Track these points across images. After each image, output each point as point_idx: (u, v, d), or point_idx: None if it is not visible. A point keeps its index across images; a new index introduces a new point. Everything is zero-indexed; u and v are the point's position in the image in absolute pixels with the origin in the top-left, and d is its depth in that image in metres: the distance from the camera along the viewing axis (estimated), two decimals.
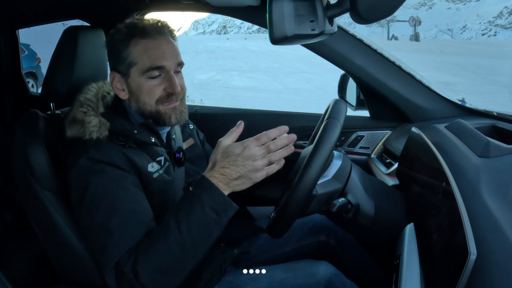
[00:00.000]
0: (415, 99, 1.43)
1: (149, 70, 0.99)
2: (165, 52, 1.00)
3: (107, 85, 1.13)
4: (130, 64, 1.00)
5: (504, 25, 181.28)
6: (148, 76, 0.99)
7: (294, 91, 9.13)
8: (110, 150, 0.96)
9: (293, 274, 1.03)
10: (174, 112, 1.02)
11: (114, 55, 1.02)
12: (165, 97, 1.01)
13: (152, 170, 1.01)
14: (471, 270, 0.58)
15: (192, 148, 1.21)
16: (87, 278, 1.05)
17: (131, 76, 1.01)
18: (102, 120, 0.99)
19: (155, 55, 0.99)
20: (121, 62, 1.01)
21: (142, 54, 0.99)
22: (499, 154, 0.91)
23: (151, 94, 1.00)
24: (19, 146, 1.04)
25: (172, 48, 1.02)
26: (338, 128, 0.92)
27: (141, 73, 1.00)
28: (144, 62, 0.99)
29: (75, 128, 0.99)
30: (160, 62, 0.99)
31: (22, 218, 1.14)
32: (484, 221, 0.69)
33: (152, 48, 0.99)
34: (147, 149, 1.03)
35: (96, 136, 0.97)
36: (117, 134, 0.99)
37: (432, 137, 1.06)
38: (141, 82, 1.00)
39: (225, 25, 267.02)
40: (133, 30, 1.00)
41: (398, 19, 79.94)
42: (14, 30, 2.09)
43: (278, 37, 0.72)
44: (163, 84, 1.00)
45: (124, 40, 1.00)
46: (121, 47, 1.00)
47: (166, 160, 1.06)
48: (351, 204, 0.96)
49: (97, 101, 1.04)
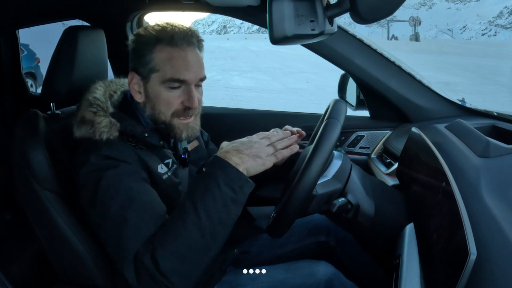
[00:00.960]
0: (415, 99, 1.43)
1: (170, 81, 0.96)
2: (189, 65, 0.97)
3: (114, 84, 1.10)
4: (152, 69, 0.97)
5: (504, 25, 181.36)
6: (168, 86, 0.97)
7: (294, 91, 9.13)
8: (121, 148, 0.95)
9: (293, 274, 1.03)
10: (186, 128, 1.01)
11: (137, 56, 0.99)
12: (182, 110, 0.99)
13: (161, 171, 1.00)
14: (471, 270, 0.58)
15: (196, 150, 1.21)
16: (87, 278, 1.05)
17: (150, 81, 0.98)
18: (112, 120, 0.98)
19: (178, 67, 0.96)
20: (143, 64, 0.98)
21: (166, 62, 0.96)
22: (499, 154, 0.91)
23: (169, 105, 0.98)
24: (19, 146, 1.04)
25: (198, 62, 0.99)
26: (338, 128, 0.92)
27: (161, 81, 0.97)
28: (166, 71, 0.96)
29: (84, 128, 0.97)
30: (183, 75, 0.96)
31: (22, 218, 1.14)
32: (484, 221, 0.69)
33: (178, 58, 0.96)
34: (156, 151, 1.02)
35: (106, 137, 0.95)
36: (127, 135, 0.98)
37: (432, 137, 1.06)
38: (160, 91, 0.97)
39: (225, 25, 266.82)
40: (161, 35, 0.97)
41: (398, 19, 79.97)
42: (14, 30, 2.09)
43: (278, 37, 0.72)
44: (181, 97, 0.98)
45: (150, 43, 0.97)
46: (146, 50, 0.97)
47: (174, 162, 1.06)
48: (351, 204, 0.96)
49: (106, 101, 1.02)
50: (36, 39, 7.13)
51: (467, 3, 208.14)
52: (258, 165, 0.87)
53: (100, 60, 1.24)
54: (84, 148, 0.97)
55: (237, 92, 9.00)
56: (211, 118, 1.76)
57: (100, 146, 0.94)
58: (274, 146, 0.90)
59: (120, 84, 1.12)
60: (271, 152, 0.89)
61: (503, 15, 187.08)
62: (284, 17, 0.70)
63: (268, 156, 0.88)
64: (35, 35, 4.33)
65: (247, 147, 0.88)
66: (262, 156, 0.87)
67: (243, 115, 1.81)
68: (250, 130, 1.75)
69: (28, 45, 6.95)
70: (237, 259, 1.18)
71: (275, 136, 0.92)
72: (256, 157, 0.87)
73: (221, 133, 1.71)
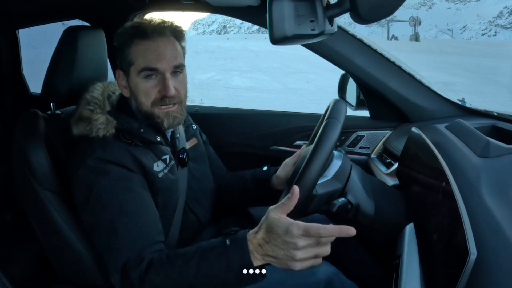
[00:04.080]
0: (415, 99, 1.43)
1: (143, 71, 1.00)
2: (160, 54, 1.00)
3: (113, 85, 1.14)
4: (130, 63, 1.02)
5: (504, 25, 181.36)
6: (143, 77, 1.00)
7: (294, 91, 9.13)
8: (116, 149, 0.97)
9: (293, 274, 1.02)
10: (167, 117, 1.02)
11: (119, 53, 1.04)
12: (160, 99, 1.01)
13: (157, 169, 1.02)
14: (471, 270, 0.58)
15: (195, 147, 1.22)
16: (87, 278, 1.05)
17: (130, 75, 1.03)
18: (109, 118, 1.01)
19: (149, 57, 1.00)
20: (123, 60, 1.03)
21: (139, 54, 1.00)
22: (499, 154, 0.91)
23: (147, 95, 1.01)
24: (19, 146, 1.04)
25: (170, 50, 1.02)
26: (338, 128, 0.92)
27: (137, 73, 1.01)
28: (139, 62, 1.00)
29: (81, 125, 1.00)
30: (154, 64, 1.00)
31: (22, 218, 1.14)
32: (484, 221, 0.69)
33: (149, 49, 1.00)
34: (153, 147, 1.04)
35: (103, 134, 0.98)
36: (123, 132, 1.00)
37: (432, 137, 1.06)
38: (138, 82, 1.01)
39: (225, 25, 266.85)
40: (136, 30, 1.02)
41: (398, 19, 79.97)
42: (14, 30, 2.09)
43: (278, 37, 0.71)
44: (158, 86, 1.01)
45: (127, 39, 1.02)
46: (124, 46, 1.02)
47: (171, 158, 1.07)
48: (351, 204, 0.96)
49: (104, 100, 1.05)
50: None
51: (467, 3, 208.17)
52: (281, 265, 0.79)
53: (100, 60, 1.24)
54: (80, 149, 1.00)
55: (237, 92, 9.01)
56: (211, 118, 1.77)
57: (95, 148, 0.96)
58: (316, 251, 0.76)
59: None
60: (302, 258, 0.76)
61: (503, 15, 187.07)
62: (284, 17, 0.70)
63: (295, 262, 0.76)
64: None
65: (276, 245, 0.77)
66: (287, 263, 0.77)
67: (243, 115, 1.81)
68: (250, 130, 1.75)
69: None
70: None
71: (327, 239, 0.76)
72: (280, 259, 0.77)
73: (221, 133, 1.71)
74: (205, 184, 1.20)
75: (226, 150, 1.65)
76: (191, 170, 1.16)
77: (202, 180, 1.19)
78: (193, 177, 1.15)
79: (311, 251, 0.76)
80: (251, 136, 1.72)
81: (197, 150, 1.22)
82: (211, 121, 1.74)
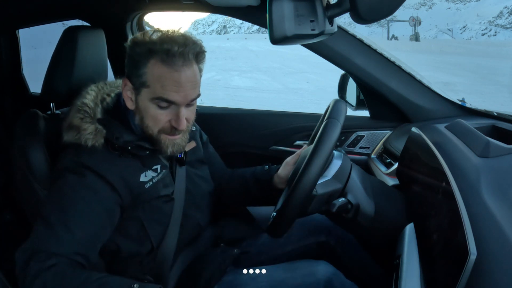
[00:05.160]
0: (415, 99, 1.43)
1: (158, 99, 0.94)
2: (180, 86, 0.93)
3: (108, 86, 1.08)
4: (143, 84, 0.95)
5: (504, 25, 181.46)
6: (156, 104, 0.95)
7: (294, 91, 9.13)
8: (101, 159, 0.95)
9: (293, 274, 1.03)
10: (173, 144, 1.00)
11: (131, 65, 0.96)
12: (169, 128, 0.98)
13: (144, 179, 1.00)
14: (471, 270, 0.58)
15: (193, 150, 1.19)
16: None
17: (141, 94, 0.96)
18: (98, 127, 0.97)
19: (169, 87, 0.92)
20: (135, 76, 0.95)
21: (157, 81, 0.93)
22: (499, 154, 0.91)
23: (156, 122, 0.97)
24: (19, 146, 1.04)
25: (191, 82, 0.94)
26: (338, 128, 0.92)
27: (150, 98, 0.95)
28: (156, 89, 0.93)
29: (71, 133, 0.97)
30: (172, 96, 0.93)
31: (22, 218, 1.14)
32: (484, 221, 0.69)
33: (169, 78, 0.92)
34: (143, 158, 1.01)
35: (91, 144, 0.95)
36: (112, 143, 0.97)
37: (432, 137, 1.06)
38: (149, 106, 0.96)
39: (225, 25, 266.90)
40: (157, 47, 0.92)
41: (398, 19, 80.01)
42: (14, 30, 2.09)
43: (278, 37, 0.72)
44: (169, 116, 0.96)
45: (144, 55, 0.93)
46: (139, 62, 0.94)
47: (164, 167, 1.05)
48: (351, 204, 0.96)
49: (95, 106, 1.00)
50: None
51: (467, 3, 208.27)
52: None
53: (100, 60, 1.24)
54: (67, 151, 0.98)
55: (237, 92, 9.01)
56: (211, 118, 1.76)
57: (80, 152, 0.95)
58: None
59: (115, 86, 1.10)
60: None
61: (503, 15, 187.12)
62: (284, 17, 0.70)
63: None
64: None
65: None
66: None
67: (243, 115, 1.81)
68: (250, 130, 1.75)
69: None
70: (237, 259, 1.17)
71: None
72: None
73: (221, 133, 1.71)
74: (203, 187, 1.18)
75: (226, 150, 1.64)
76: (189, 175, 1.13)
77: (200, 184, 1.17)
78: (191, 181, 1.13)
79: None
80: (251, 136, 1.72)
81: (196, 154, 1.20)
82: (211, 121, 1.73)
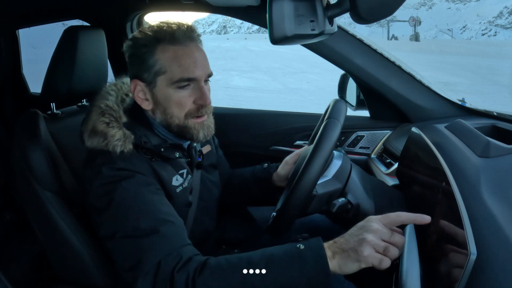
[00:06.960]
0: (415, 99, 1.43)
1: (179, 81, 0.91)
2: (197, 61, 0.92)
3: (126, 85, 1.03)
4: (158, 72, 0.91)
5: (504, 25, 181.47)
6: (177, 87, 0.91)
7: (294, 91, 9.13)
8: (137, 162, 0.90)
9: None
10: (202, 127, 0.96)
11: (138, 61, 0.93)
12: (195, 110, 0.94)
13: (176, 183, 0.97)
14: (471, 270, 0.58)
15: (208, 155, 1.17)
16: (87, 278, 1.05)
17: (157, 85, 0.92)
18: (127, 132, 0.91)
19: (187, 65, 0.90)
20: (146, 69, 0.92)
21: (173, 62, 0.90)
22: (499, 154, 0.91)
23: (181, 107, 0.93)
24: (19, 146, 1.04)
25: (203, 56, 0.94)
26: (338, 128, 0.92)
27: (170, 83, 0.91)
28: (175, 71, 0.90)
29: (96, 140, 0.91)
30: (193, 73, 0.91)
31: (22, 218, 1.14)
32: (484, 221, 0.69)
33: (184, 56, 0.91)
34: (172, 162, 0.98)
35: (120, 150, 0.88)
36: (142, 147, 0.92)
37: (432, 137, 1.06)
38: (169, 93, 0.92)
39: (225, 25, 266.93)
40: (161, 34, 0.91)
41: (398, 19, 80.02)
42: (14, 30, 2.10)
43: (278, 37, 0.71)
44: (193, 96, 0.93)
45: (150, 45, 0.91)
46: (147, 54, 0.91)
47: (188, 173, 1.03)
48: (351, 204, 0.96)
49: (119, 109, 0.95)
50: None
51: (467, 3, 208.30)
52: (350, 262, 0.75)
53: (100, 60, 1.24)
54: (94, 160, 0.90)
55: (237, 92, 9.01)
56: None
57: (114, 159, 0.88)
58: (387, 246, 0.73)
59: None
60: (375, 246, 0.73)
61: (503, 15, 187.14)
62: (284, 17, 0.70)
63: (369, 249, 0.72)
64: None
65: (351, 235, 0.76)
66: (359, 250, 0.73)
67: (243, 115, 1.81)
68: (250, 130, 1.75)
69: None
70: None
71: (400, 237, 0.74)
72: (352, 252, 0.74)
73: (221, 133, 1.71)
74: (214, 193, 1.15)
75: (226, 150, 1.64)
76: (203, 180, 1.11)
77: (212, 190, 1.14)
78: (204, 186, 1.11)
79: (384, 236, 0.73)
80: (251, 136, 1.72)
81: (210, 158, 1.18)
82: None
